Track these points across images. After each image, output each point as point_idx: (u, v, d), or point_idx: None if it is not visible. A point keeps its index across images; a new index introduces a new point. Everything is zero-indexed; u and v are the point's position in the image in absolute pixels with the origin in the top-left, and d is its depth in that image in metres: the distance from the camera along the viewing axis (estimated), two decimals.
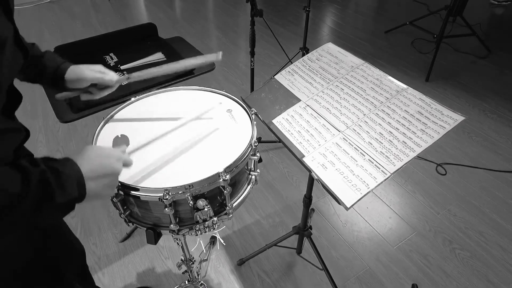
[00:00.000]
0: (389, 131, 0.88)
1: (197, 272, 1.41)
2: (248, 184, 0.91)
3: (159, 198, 0.73)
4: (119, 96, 1.19)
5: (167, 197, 0.71)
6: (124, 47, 1.60)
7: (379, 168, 0.82)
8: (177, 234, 0.82)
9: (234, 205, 0.86)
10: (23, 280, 0.79)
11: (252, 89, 2.10)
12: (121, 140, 0.86)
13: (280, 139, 0.98)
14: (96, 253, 1.68)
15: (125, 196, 0.78)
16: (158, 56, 1.50)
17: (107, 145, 0.86)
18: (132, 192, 0.74)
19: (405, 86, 0.96)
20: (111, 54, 1.54)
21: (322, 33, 3.68)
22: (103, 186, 0.62)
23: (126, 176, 0.77)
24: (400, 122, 0.89)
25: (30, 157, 0.75)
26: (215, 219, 0.82)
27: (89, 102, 1.17)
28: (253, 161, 0.89)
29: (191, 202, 0.76)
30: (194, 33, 3.65)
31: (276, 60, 3.15)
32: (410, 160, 0.82)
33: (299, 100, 1.05)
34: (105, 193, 0.64)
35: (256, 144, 0.86)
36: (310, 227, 1.43)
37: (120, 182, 0.74)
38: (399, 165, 0.82)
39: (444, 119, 0.85)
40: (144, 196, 0.74)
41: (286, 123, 1.01)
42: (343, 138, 0.91)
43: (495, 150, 2.19)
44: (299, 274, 1.58)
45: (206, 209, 0.78)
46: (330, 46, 1.15)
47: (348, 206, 0.79)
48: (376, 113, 0.93)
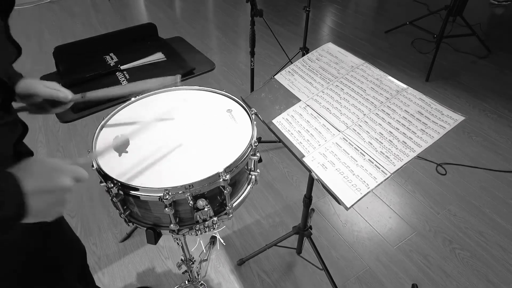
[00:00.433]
0: (389, 131, 0.88)
1: (197, 272, 1.41)
2: (248, 184, 0.91)
3: (159, 198, 0.73)
4: (120, 96, 1.18)
5: (167, 197, 0.71)
6: (124, 47, 1.60)
7: (379, 168, 0.82)
8: (177, 234, 0.82)
9: (234, 205, 0.86)
10: (23, 280, 0.79)
11: (252, 89, 2.10)
12: (121, 140, 0.86)
13: (280, 139, 0.98)
14: (96, 253, 1.68)
15: (125, 196, 0.78)
16: (158, 56, 1.50)
17: (107, 145, 0.86)
18: (132, 192, 0.74)
19: (405, 86, 0.96)
20: (111, 54, 1.54)
21: (322, 33, 3.68)
22: (47, 205, 0.55)
23: (126, 176, 0.77)
24: (400, 122, 0.89)
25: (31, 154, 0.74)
26: (215, 219, 0.82)
27: (89, 103, 1.16)
28: (253, 161, 0.89)
29: (191, 202, 0.76)
30: (194, 33, 3.65)
31: (276, 60, 3.15)
32: (410, 160, 0.82)
33: (299, 100, 1.05)
34: (51, 212, 0.57)
35: (256, 144, 0.86)
36: (310, 227, 1.43)
37: (120, 182, 0.74)
38: (399, 165, 0.82)
39: (444, 119, 0.85)
40: (144, 196, 0.74)
41: (286, 123, 1.01)
42: (343, 138, 0.91)
43: (495, 150, 2.19)
44: (299, 274, 1.58)
45: (206, 209, 0.78)
46: (330, 46, 1.15)
47: (348, 206, 0.79)
48: (376, 113, 0.93)
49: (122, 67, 1.44)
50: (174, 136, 0.90)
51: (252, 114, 0.93)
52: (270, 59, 3.17)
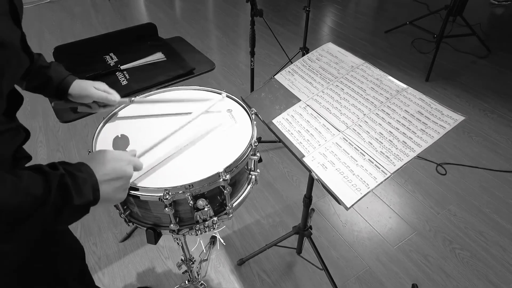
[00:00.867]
0: (389, 131, 0.88)
1: (197, 272, 1.41)
2: (248, 184, 0.91)
3: (159, 198, 0.73)
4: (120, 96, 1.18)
5: (167, 197, 0.71)
6: (124, 47, 1.60)
7: (379, 168, 0.82)
8: (177, 234, 0.82)
9: (234, 205, 0.86)
10: (22, 280, 0.79)
11: (252, 89, 2.10)
12: (121, 140, 0.86)
13: (280, 139, 0.98)
14: (96, 253, 1.68)
15: None
16: (158, 56, 1.50)
17: (107, 145, 0.86)
18: (132, 192, 0.74)
19: (405, 86, 0.96)
20: (111, 54, 1.54)
21: (322, 33, 3.68)
22: (115, 190, 0.63)
23: None
24: (400, 122, 0.89)
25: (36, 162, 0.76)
26: (215, 219, 0.82)
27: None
28: (253, 161, 0.89)
29: (191, 202, 0.76)
30: (194, 33, 3.65)
31: (276, 60, 3.15)
32: (410, 160, 0.82)
33: (299, 100, 1.05)
34: (117, 197, 0.65)
35: (256, 144, 0.86)
36: (310, 227, 1.43)
37: None
38: (399, 165, 0.82)
39: (444, 119, 0.85)
40: (144, 196, 0.74)
41: (286, 123, 1.01)
42: (343, 138, 0.91)
43: (495, 150, 2.19)
44: (299, 274, 1.58)
45: (206, 209, 0.78)
46: (330, 46, 1.15)
47: (348, 206, 0.79)
48: (376, 113, 0.93)
49: (122, 67, 1.44)
50: (174, 135, 0.90)
51: (252, 114, 0.93)
52: (270, 59, 3.17)
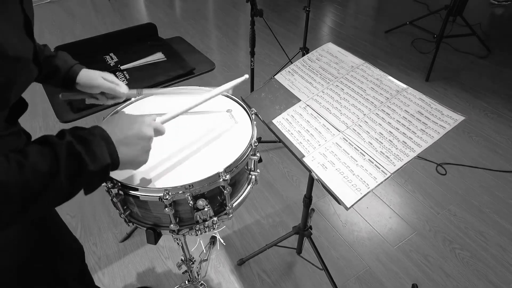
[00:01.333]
0: (389, 131, 0.88)
1: (197, 272, 1.41)
2: (248, 184, 0.91)
3: (159, 198, 0.73)
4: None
5: (167, 197, 0.71)
6: (124, 47, 1.60)
7: (379, 168, 0.82)
8: (177, 234, 0.82)
9: (234, 205, 0.86)
10: (22, 280, 0.79)
11: (252, 89, 2.10)
12: None
13: (280, 139, 0.98)
14: (96, 253, 1.68)
15: (125, 196, 0.78)
16: (158, 56, 1.50)
17: None
18: (131, 192, 0.74)
19: (405, 86, 0.96)
20: (111, 54, 1.54)
21: (322, 33, 3.68)
22: (136, 152, 0.61)
23: (125, 176, 0.77)
24: (400, 122, 0.89)
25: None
26: (215, 219, 0.82)
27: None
28: (253, 161, 0.89)
29: (191, 202, 0.76)
30: (194, 33, 3.65)
31: (276, 60, 3.15)
32: (410, 160, 0.82)
33: (299, 100, 1.05)
34: (139, 159, 0.63)
35: (256, 144, 0.86)
36: (310, 227, 1.43)
37: (119, 182, 0.74)
38: (399, 165, 0.82)
39: (444, 119, 0.85)
40: (144, 196, 0.74)
41: (286, 123, 1.01)
42: (343, 138, 0.91)
43: (495, 150, 2.19)
44: (299, 274, 1.58)
45: (206, 209, 0.78)
46: (330, 46, 1.15)
47: (348, 206, 0.79)
48: (376, 113, 0.93)
49: (122, 67, 1.44)
50: (174, 135, 0.90)
51: (252, 114, 0.93)
52: (270, 59, 3.17)
